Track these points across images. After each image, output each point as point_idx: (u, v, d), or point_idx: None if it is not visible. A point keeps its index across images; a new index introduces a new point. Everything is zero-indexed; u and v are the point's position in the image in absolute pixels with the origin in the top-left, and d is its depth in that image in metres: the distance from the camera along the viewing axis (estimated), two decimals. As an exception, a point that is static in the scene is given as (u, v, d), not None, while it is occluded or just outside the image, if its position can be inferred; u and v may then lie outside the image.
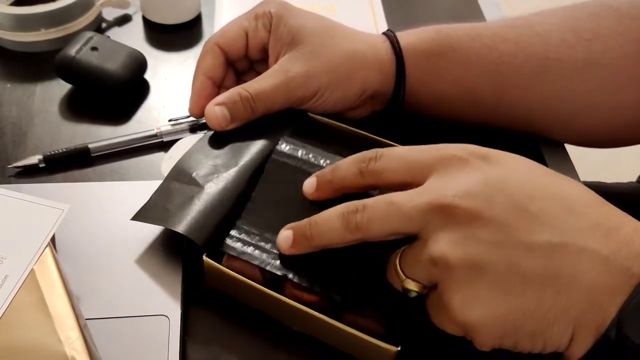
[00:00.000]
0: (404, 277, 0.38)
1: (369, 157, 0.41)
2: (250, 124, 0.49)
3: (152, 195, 0.45)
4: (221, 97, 0.49)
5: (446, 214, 0.36)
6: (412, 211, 0.37)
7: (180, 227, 0.43)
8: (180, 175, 0.46)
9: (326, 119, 0.52)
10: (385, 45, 0.52)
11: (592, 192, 0.38)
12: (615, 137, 0.57)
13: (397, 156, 0.40)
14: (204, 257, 0.42)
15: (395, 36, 0.53)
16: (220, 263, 0.43)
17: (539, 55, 0.52)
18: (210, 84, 0.51)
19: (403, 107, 0.54)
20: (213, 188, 0.45)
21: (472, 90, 0.53)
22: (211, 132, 0.50)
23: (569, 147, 0.58)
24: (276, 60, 0.51)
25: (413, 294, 0.38)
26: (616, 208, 0.37)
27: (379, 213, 0.38)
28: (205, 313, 0.44)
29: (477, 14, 0.73)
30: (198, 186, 0.45)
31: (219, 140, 0.49)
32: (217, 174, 0.46)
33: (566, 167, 0.56)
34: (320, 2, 0.53)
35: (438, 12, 0.74)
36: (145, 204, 0.45)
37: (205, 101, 0.50)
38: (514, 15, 0.55)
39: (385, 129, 0.52)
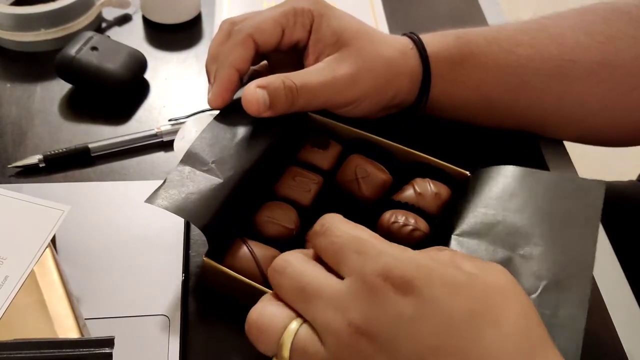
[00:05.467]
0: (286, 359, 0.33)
1: (314, 230, 0.37)
2: (259, 119, 0.48)
3: (167, 178, 0.44)
4: (263, 81, 0.46)
5: (340, 341, 0.32)
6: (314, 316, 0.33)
7: (199, 222, 0.42)
8: (197, 162, 0.45)
9: (327, 119, 0.52)
10: (413, 53, 0.52)
11: (526, 339, 0.30)
12: (626, 137, 0.57)
13: (330, 241, 0.35)
14: (204, 258, 0.42)
15: (421, 42, 0.52)
16: (221, 263, 0.43)
17: (554, 57, 0.52)
18: (237, 77, 0.49)
19: (420, 113, 0.55)
20: (229, 181, 0.44)
21: (489, 94, 0.53)
22: (222, 117, 0.48)
23: (569, 147, 0.58)
24: (316, 60, 0.50)
25: None
26: (545, 357, 0.31)
27: (291, 290, 0.34)
28: (205, 313, 0.44)
29: (477, 14, 0.73)
30: (217, 177, 0.44)
31: (230, 128, 0.48)
32: (231, 167, 0.45)
33: (566, 166, 0.56)
34: (320, 1, 0.53)
35: (438, 12, 0.74)
36: (161, 187, 0.43)
37: (229, 94, 0.49)
38: (525, 19, 0.56)
39: (387, 129, 0.52)
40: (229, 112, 0.49)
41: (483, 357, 0.29)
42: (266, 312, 0.34)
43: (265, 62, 0.55)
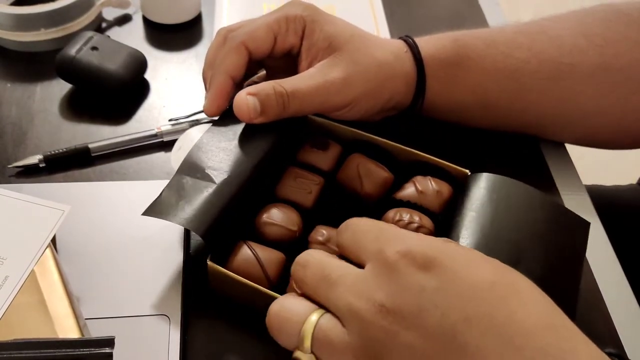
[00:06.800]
0: (309, 351, 0.33)
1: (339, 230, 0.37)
2: (256, 125, 0.48)
3: (164, 189, 0.44)
4: (254, 88, 0.47)
5: (364, 322, 0.31)
6: (337, 303, 0.33)
7: (198, 228, 0.42)
8: (193, 170, 0.45)
9: (326, 120, 0.52)
10: (407, 56, 0.52)
11: (547, 310, 0.31)
12: (625, 140, 0.57)
13: (351, 231, 0.36)
14: (208, 261, 0.42)
15: (416, 46, 0.52)
16: (224, 266, 0.42)
17: (552, 61, 0.52)
18: (231, 84, 0.49)
19: (418, 114, 0.55)
20: (226, 185, 0.44)
21: (486, 97, 0.53)
22: (218, 124, 0.49)
23: (569, 148, 0.58)
24: (309, 65, 0.50)
25: None
26: (569, 329, 0.31)
27: (312, 281, 0.34)
28: (205, 313, 0.44)
29: (477, 14, 0.73)
30: (212, 182, 0.44)
31: (227, 133, 0.48)
32: (229, 171, 0.45)
33: (567, 168, 0.56)
34: (321, 2, 0.52)
35: (438, 12, 0.74)
36: (158, 198, 0.43)
37: (224, 101, 0.49)
38: (525, 20, 0.55)
39: (386, 129, 0.52)
40: (226, 119, 0.49)
41: (510, 322, 0.29)
42: (287, 304, 0.34)
43: (263, 72, 0.55)
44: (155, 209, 0.43)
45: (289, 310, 0.34)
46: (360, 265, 0.34)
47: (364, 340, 0.31)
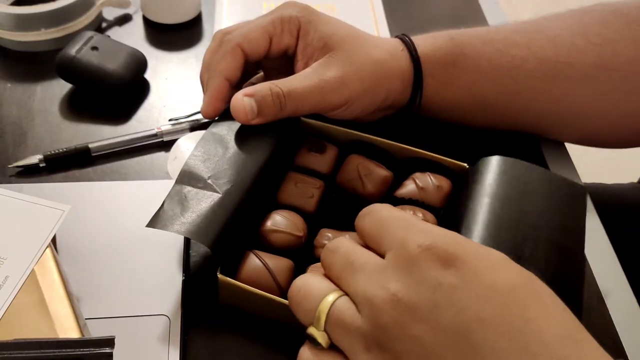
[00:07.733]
0: (322, 329, 0.33)
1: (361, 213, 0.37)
2: (250, 129, 0.48)
3: (165, 200, 0.43)
4: (251, 89, 0.47)
5: (375, 309, 0.31)
6: (355, 290, 0.33)
7: (205, 240, 0.41)
8: (193, 180, 0.45)
9: (321, 123, 0.51)
10: (404, 54, 0.52)
11: (568, 321, 0.30)
12: (623, 139, 0.57)
13: (374, 218, 0.36)
14: (219, 274, 0.42)
15: (412, 44, 0.52)
16: (233, 277, 0.42)
17: (549, 60, 0.52)
18: (227, 86, 0.50)
19: (416, 114, 0.55)
20: (230, 194, 0.44)
21: (483, 96, 0.53)
22: (214, 129, 0.49)
23: (569, 147, 0.58)
24: (305, 66, 0.50)
25: (315, 343, 0.34)
26: (589, 343, 0.30)
27: (338, 265, 0.35)
28: (205, 313, 0.44)
29: (477, 14, 0.74)
30: (216, 192, 0.44)
31: (224, 139, 0.48)
32: (231, 180, 0.45)
33: (566, 167, 0.56)
34: (321, 2, 0.53)
35: (438, 11, 0.74)
36: (160, 209, 0.43)
37: (221, 103, 0.49)
38: (524, 19, 0.55)
39: (381, 128, 0.52)
40: (223, 121, 0.49)
41: (528, 329, 0.29)
42: (310, 281, 0.35)
43: (261, 74, 0.55)
44: (159, 221, 0.42)
45: (310, 287, 0.34)
46: (380, 253, 0.34)
47: (374, 326, 0.31)
